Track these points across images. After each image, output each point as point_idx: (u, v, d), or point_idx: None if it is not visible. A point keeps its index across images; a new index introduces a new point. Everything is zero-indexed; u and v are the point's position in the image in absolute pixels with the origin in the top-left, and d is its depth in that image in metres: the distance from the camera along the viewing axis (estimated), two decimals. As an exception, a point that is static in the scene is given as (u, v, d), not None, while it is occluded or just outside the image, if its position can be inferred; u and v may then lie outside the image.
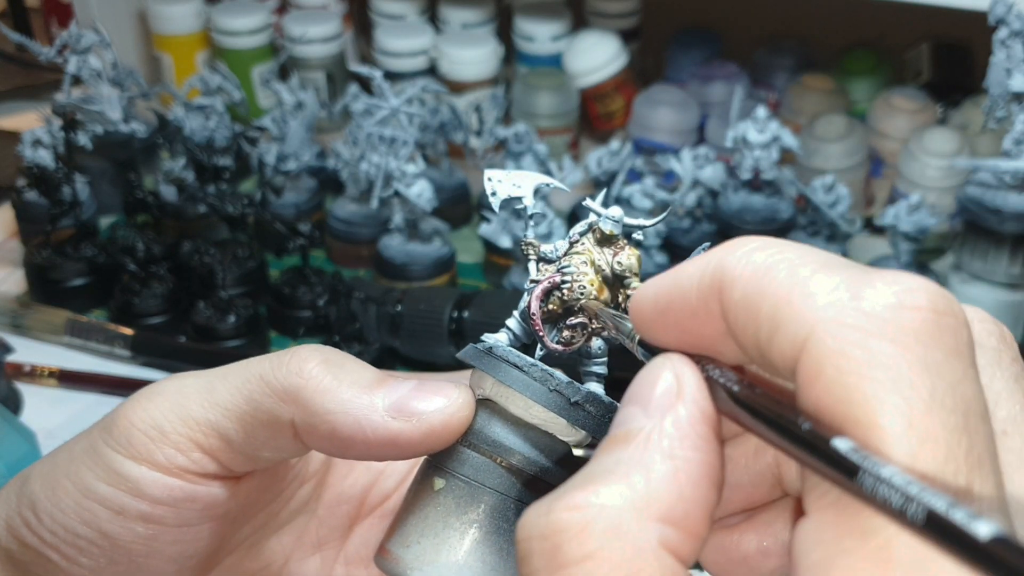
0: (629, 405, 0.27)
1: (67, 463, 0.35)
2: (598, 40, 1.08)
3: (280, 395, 0.33)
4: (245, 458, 0.35)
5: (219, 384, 0.34)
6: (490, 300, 0.78)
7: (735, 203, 0.85)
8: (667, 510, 0.24)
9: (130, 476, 0.34)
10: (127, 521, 0.34)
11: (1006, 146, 0.77)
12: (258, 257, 0.87)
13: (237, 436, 0.34)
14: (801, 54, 1.11)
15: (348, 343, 0.79)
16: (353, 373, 0.33)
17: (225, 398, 0.34)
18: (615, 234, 0.34)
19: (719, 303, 0.25)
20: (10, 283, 0.92)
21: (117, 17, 1.13)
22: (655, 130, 1.01)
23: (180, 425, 0.34)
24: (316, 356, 0.33)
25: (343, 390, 0.33)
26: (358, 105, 0.87)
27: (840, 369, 0.22)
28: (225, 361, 0.36)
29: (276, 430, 0.33)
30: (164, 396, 0.34)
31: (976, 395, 0.22)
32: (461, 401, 0.33)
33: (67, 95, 0.93)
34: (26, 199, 0.92)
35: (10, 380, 0.77)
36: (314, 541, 0.41)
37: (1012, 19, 0.73)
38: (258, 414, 0.33)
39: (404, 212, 0.86)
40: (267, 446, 0.34)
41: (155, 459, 0.34)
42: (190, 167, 0.89)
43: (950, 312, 0.23)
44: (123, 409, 0.35)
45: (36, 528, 0.35)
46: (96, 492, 0.34)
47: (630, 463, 0.25)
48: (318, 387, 0.33)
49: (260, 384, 0.33)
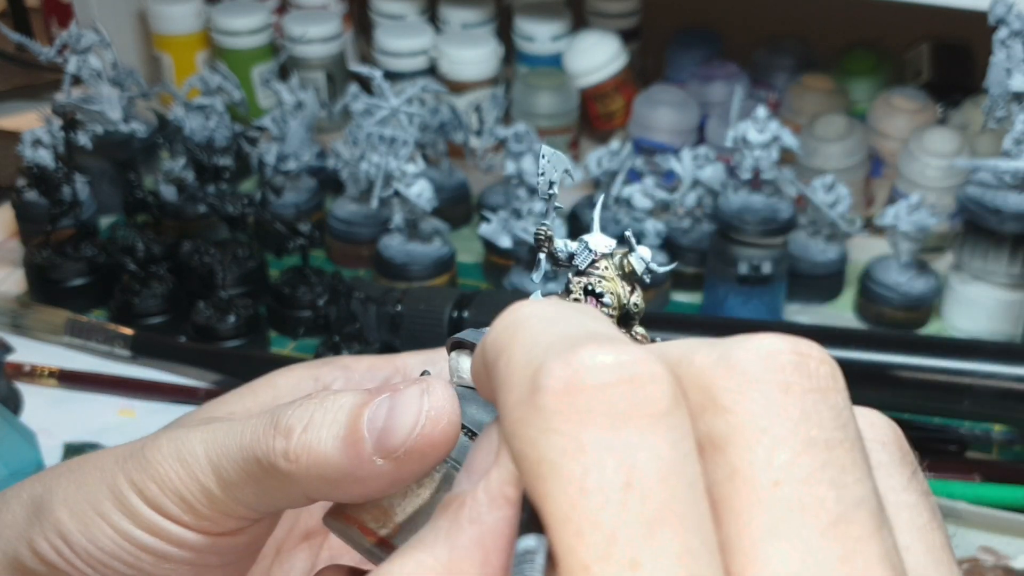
0: (461, 471, 0.26)
1: (94, 497, 0.35)
2: (598, 40, 1.08)
3: (277, 477, 0.32)
4: (251, 521, 0.35)
5: (225, 463, 0.34)
6: (490, 300, 0.78)
7: (735, 203, 0.85)
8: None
9: (165, 530, 0.34)
10: (170, 565, 0.35)
11: (1006, 146, 0.77)
12: (258, 257, 0.87)
13: (247, 513, 0.34)
14: (801, 54, 1.11)
15: (348, 343, 0.79)
16: (331, 426, 0.32)
17: (231, 476, 0.33)
18: (637, 272, 0.33)
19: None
20: (10, 283, 0.92)
21: (117, 17, 1.13)
22: (655, 130, 1.01)
23: (196, 496, 0.34)
24: (294, 424, 0.32)
25: (329, 453, 0.31)
26: (358, 105, 0.87)
27: (523, 476, 0.22)
28: (225, 361, 0.36)
29: (285, 500, 0.34)
30: (180, 462, 0.34)
31: (657, 458, 0.21)
32: (435, 412, 0.31)
33: (67, 95, 0.93)
34: (26, 199, 0.92)
35: (10, 380, 0.77)
36: (303, 532, 0.42)
37: (1012, 19, 0.73)
38: (264, 496, 0.33)
39: (404, 212, 0.86)
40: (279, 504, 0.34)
41: (173, 516, 0.34)
42: (190, 167, 0.89)
43: (625, 380, 0.21)
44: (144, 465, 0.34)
45: (70, 558, 0.35)
46: (137, 540, 0.34)
47: (439, 531, 0.25)
48: (308, 461, 0.32)
49: (259, 467, 0.32)
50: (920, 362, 0.71)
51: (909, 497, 0.25)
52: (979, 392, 0.69)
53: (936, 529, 0.25)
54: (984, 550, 0.63)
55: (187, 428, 0.35)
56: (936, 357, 0.71)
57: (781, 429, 0.22)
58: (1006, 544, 0.64)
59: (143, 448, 0.35)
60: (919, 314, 0.86)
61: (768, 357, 0.23)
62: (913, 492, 0.25)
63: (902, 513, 0.25)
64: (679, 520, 0.20)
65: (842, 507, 0.21)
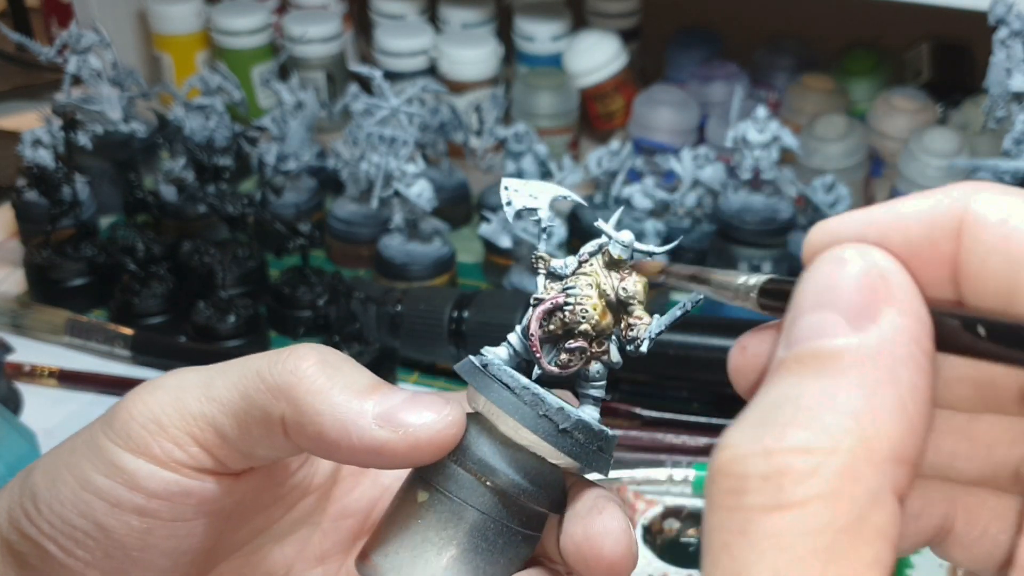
0: (817, 311, 0.23)
1: (68, 455, 0.35)
2: (598, 40, 1.08)
3: (273, 392, 0.33)
4: (240, 455, 0.35)
5: (218, 379, 0.34)
6: (490, 300, 0.78)
7: (735, 203, 0.85)
8: (898, 448, 0.22)
9: (126, 468, 0.34)
10: (122, 514, 0.34)
11: (1006, 146, 0.77)
12: (258, 257, 0.87)
13: (232, 432, 0.34)
14: (801, 54, 1.11)
15: (348, 343, 0.79)
16: (348, 376, 0.33)
17: (222, 393, 0.34)
18: (623, 259, 0.33)
19: (953, 246, 0.22)
20: (10, 283, 0.92)
21: (117, 17, 1.13)
22: (655, 130, 1.01)
23: (177, 419, 0.34)
24: (313, 355, 0.33)
25: (335, 393, 0.32)
26: (358, 105, 0.87)
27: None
28: (225, 360, 0.36)
29: (268, 427, 0.33)
30: (164, 390, 0.35)
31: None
32: (451, 419, 0.32)
33: (67, 95, 0.93)
34: (26, 199, 0.92)
35: (10, 380, 0.77)
36: (317, 554, 0.41)
37: (1012, 19, 0.73)
38: (252, 410, 0.33)
39: (404, 212, 0.86)
40: (261, 443, 0.34)
41: (152, 452, 0.34)
42: (190, 167, 0.89)
43: None
44: (124, 402, 0.35)
45: (35, 519, 0.35)
46: (93, 484, 0.34)
47: (851, 392, 0.22)
48: (310, 387, 0.32)
49: (256, 380, 0.33)
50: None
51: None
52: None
53: None
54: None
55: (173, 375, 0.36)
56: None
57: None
58: (1006, 544, 0.64)
59: (123, 397, 0.35)
60: (919, 314, 0.86)
61: None
62: None
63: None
64: None
65: None
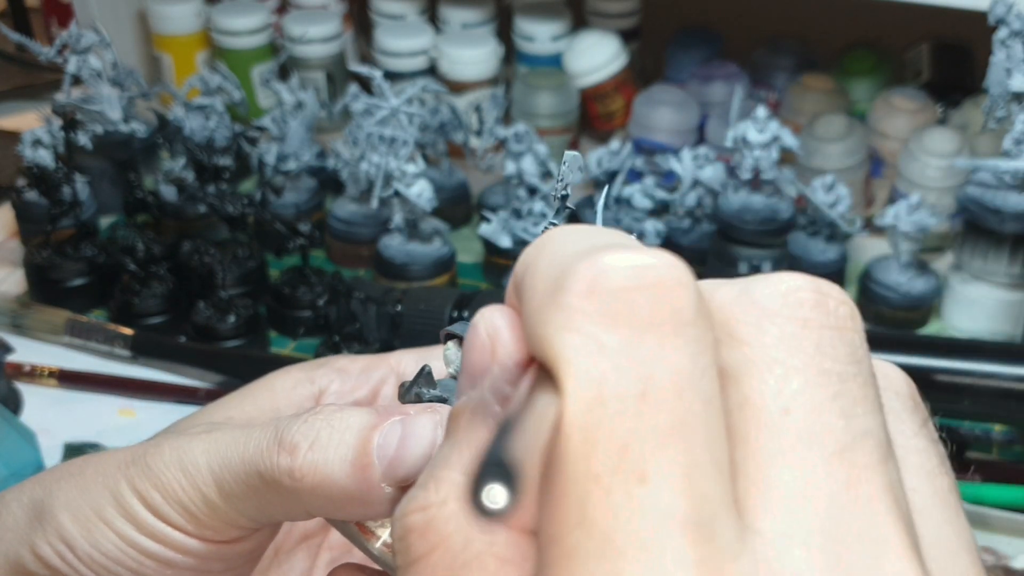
0: (460, 376, 0.25)
1: (97, 502, 0.35)
2: (598, 40, 1.08)
3: (280, 492, 0.32)
4: (253, 530, 0.35)
5: (227, 474, 0.33)
6: (490, 300, 0.78)
7: (735, 203, 0.85)
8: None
9: (167, 537, 0.34)
10: (170, 571, 0.35)
11: (1006, 146, 0.77)
12: (258, 257, 0.87)
13: (248, 523, 0.34)
14: (801, 54, 1.11)
15: (348, 343, 0.79)
16: (337, 447, 0.31)
17: (232, 488, 0.33)
18: None
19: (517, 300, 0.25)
20: (10, 283, 0.92)
21: (117, 17, 1.13)
22: (655, 130, 1.01)
23: (197, 504, 0.34)
24: (300, 441, 0.31)
25: (336, 475, 0.31)
26: (358, 105, 0.87)
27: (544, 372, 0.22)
28: (225, 361, 0.36)
29: (293, 517, 0.34)
30: (181, 471, 0.34)
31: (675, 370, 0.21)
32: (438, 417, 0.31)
33: (67, 95, 0.93)
34: (26, 199, 0.92)
35: (10, 380, 0.77)
36: (301, 534, 0.42)
37: (1012, 19, 0.73)
38: (266, 508, 0.33)
39: (404, 212, 0.86)
40: (279, 515, 0.34)
41: (178, 524, 0.34)
42: (190, 167, 0.89)
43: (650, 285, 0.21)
44: (142, 468, 0.34)
45: (72, 563, 0.35)
46: (138, 544, 0.34)
47: (458, 444, 0.23)
48: (313, 482, 0.31)
49: (261, 481, 0.32)
50: (920, 362, 0.71)
51: (919, 443, 0.25)
52: (979, 392, 0.69)
53: (944, 475, 0.25)
54: (984, 550, 0.63)
55: (189, 436, 0.35)
56: (936, 357, 0.71)
57: (795, 360, 0.22)
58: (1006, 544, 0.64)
59: (145, 455, 0.35)
60: (919, 314, 0.86)
61: (788, 294, 0.23)
62: (923, 439, 0.25)
63: (911, 457, 0.24)
64: (691, 435, 0.20)
65: (850, 436, 0.21)
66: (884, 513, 0.21)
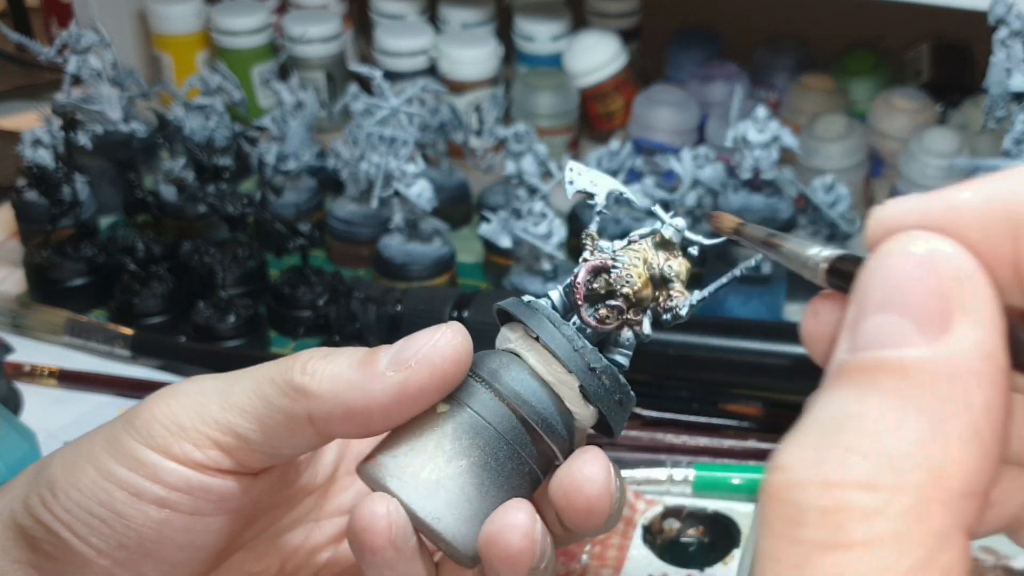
0: (884, 312, 0.21)
1: (88, 448, 0.36)
2: (598, 40, 1.08)
3: (291, 395, 0.34)
4: (264, 455, 0.36)
5: (235, 386, 0.35)
6: (490, 300, 0.78)
7: (735, 203, 0.85)
8: (971, 482, 0.20)
9: (148, 462, 0.35)
10: (141, 503, 0.35)
11: (1006, 146, 0.77)
12: (258, 257, 0.87)
13: (256, 436, 0.35)
14: (801, 54, 1.11)
15: (348, 343, 0.79)
16: (348, 356, 0.35)
17: (242, 400, 0.35)
18: (674, 242, 0.36)
19: (1013, 248, 0.21)
20: (10, 283, 0.92)
21: (117, 17, 1.13)
22: (655, 130, 1.01)
23: (199, 423, 0.35)
24: (315, 353, 0.35)
25: (344, 371, 0.34)
26: (358, 105, 0.87)
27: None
28: (226, 361, 0.38)
29: (294, 427, 0.35)
30: (185, 395, 0.36)
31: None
32: (450, 331, 0.34)
33: (67, 95, 0.93)
34: (26, 199, 0.92)
35: (10, 380, 0.77)
36: (311, 548, 0.42)
37: (1012, 19, 0.73)
38: (274, 414, 0.35)
39: (404, 212, 0.86)
40: (286, 443, 0.35)
41: (173, 452, 0.35)
42: (190, 167, 0.89)
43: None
44: (145, 404, 0.36)
45: (51, 505, 0.36)
46: (114, 474, 0.35)
47: (918, 416, 0.20)
48: (323, 376, 0.34)
49: (272, 386, 0.35)
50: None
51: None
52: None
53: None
54: (984, 550, 0.63)
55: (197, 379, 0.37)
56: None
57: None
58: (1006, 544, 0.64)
59: (142, 401, 0.37)
60: (919, 314, 0.86)
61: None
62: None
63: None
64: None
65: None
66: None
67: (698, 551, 0.64)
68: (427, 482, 0.33)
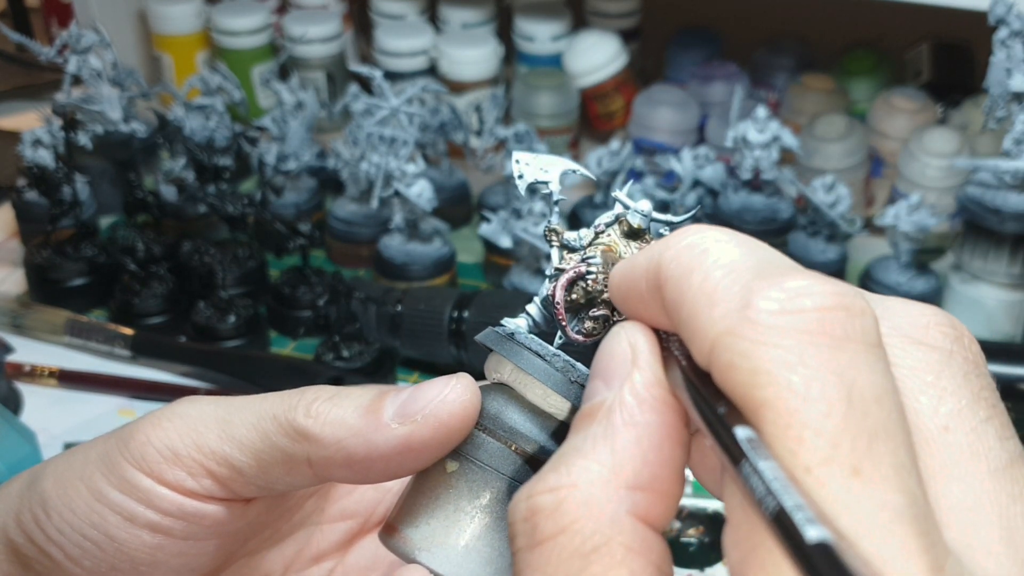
0: (593, 379, 0.28)
1: (81, 466, 0.35)
2: (598, 40, 1.08)
3: (292, 435, 0.33)
4: (257, 488, 0.35)
5: (236, 418, 0.35)
6: (490, 300, 0.78)
7: (735, 203, 0.85)
8: (633, 477, 0.25)
9: (141, 486, 0.34)
10: (135, 528, 0.34)
11: (1006, 146, 0.77)
12: (258, 257, 0.87)
13: (251, 470, 0.34)
14: (801, 54, 1.11)
15: (348, 343, 0.79)
16: (355, 400, 0.34)
17: (242, 433, 0.34)
18: (642, 228, 0.34)
19: (659, 300, 0.26)
20: (10, 283, 0.92)
21: (117, 17, 1.13)
22: (655, 130, 1.01)
23: (195, 451, 0.34)
24: (321, 394, 0.34)
25: (348, 417, 0.33)
26: (358, 105, 0.87)
27: (732, 381, 0.23)
28: (225, 361, 0.37)
29: (292, 466, 0.34)
30: (182, 419, 0.35)
31: (872, 382, 0.22)
32: (460, 387, 0.33)
33: (67, 95, 0.93)
34: (26, 199, 0.92)
35: (10, 380, 0.77)
36: (314, 554, 0.41)
37: (1012, 19, 0.73)
38: (273, 451, 0.34)
39: (404, 212, 0.86)
40: (281, 480, 0.35)
41: (166, 478, 0.34)
42: (190, 167, 0.89)
43: (841, 307, 0.23)
44: (140, 425, 0.35)
45: (44, 525, 0.35)
46: (107, 496, 0.35)
47: (595, 437, 0.26)
48: (326, 420, 0.33)
49: (274, 424, 0.34)
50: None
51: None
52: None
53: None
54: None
55: (191, 400, 0.36)
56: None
57: (945, 383, 0.25)
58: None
59: (138, 420, 0.36)
60: (919, 314, 0.86)
61: (930, 326, 0.26)
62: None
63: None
64: (895, 438, 0.22)
65: (1007, 455, 0.24)
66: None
67: (698, 551, 0.64)
68: (456, 548, 0.32)
